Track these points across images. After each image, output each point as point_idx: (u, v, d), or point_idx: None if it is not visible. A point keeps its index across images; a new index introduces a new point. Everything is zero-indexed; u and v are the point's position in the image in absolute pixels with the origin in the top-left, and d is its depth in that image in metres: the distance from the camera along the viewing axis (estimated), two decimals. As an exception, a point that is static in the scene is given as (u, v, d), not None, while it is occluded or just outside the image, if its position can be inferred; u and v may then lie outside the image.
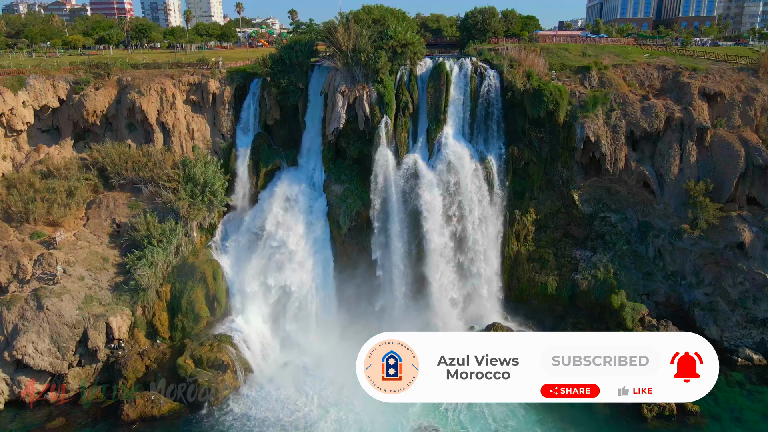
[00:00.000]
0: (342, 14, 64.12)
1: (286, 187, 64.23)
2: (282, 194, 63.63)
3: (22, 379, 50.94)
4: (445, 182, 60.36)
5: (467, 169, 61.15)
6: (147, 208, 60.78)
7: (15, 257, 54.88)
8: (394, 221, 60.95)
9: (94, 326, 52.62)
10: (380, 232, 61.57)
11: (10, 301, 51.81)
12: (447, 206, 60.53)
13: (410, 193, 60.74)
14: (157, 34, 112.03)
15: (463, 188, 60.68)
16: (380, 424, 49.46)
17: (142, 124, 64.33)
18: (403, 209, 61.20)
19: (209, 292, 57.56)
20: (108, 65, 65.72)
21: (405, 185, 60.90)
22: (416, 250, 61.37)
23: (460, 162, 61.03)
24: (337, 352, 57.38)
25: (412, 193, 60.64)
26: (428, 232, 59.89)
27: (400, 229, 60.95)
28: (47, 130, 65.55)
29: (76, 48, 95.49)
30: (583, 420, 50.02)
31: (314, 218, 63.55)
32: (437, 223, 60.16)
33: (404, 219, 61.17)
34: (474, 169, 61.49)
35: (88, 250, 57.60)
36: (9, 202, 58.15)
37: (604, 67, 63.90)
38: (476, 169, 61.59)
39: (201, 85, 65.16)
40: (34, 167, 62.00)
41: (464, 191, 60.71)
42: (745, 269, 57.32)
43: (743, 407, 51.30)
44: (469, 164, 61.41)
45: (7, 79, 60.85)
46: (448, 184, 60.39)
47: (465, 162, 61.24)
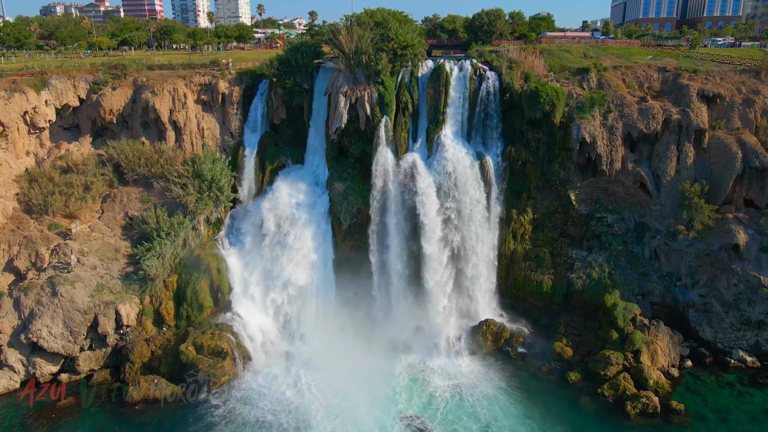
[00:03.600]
0: (345, 17, 66.10)
1: (291, 184, 66.63)
2: (286, 191, 66.01)
3: (36, 360, 54.47)
4: (442, 181, 61.78)
5: (465, 168, 62.44)
6: (157, 202, 63.90)
7: (34, 247, 58.50)
8: (392, 218, 62.69)
9: (104, 313, 55.92)
10: (379, 228, 63.39)
11: (27, 287, 55.43)
12: (444, 204, 61.88)
13: (408, 191, 62.36)
14: (179, 35, 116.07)
15: (461, 187, 62.00)
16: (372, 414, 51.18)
17: (155, 123, 67.50)
18: (401, 206, 62.88)
19: (213, 283, 60.29)
20: (125, 66, 69.09)
21: (404, 183, 62.55)
22: (413, 246, 62.93)
23: (458, 161, 62.38)
24: (334, 343, 59.73)
25: (410, 190, 62.25)
26: (425, 230, 61.39)
27: (397, 225, 62.67)
28: (68, 127, 69.29)
29: (101, 49, 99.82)
30: (568, 415, 51.30)
31: (316, 214, 65.71)
32: (434, 220, 61.61)
33: (402, 216, 62.85)
34: (471, 168, 62.71)
35: (101, 241, 60.97)
36: (30, 195, 61.90)
37: (604, 68, 64.39)
38: (474, 168, 62.79)
39: (211, 86, 68.02)
40: (55, 163, 65.67)
41: (461, 190, 62.02)
42: (739, 271, 57.31)
43: (731, 408, 51.55)
44: (467, 163, 62.68)
45: (31, 80, 64.68)
46: (445, 182, 61.77)
47: (463, 161, 62.56)
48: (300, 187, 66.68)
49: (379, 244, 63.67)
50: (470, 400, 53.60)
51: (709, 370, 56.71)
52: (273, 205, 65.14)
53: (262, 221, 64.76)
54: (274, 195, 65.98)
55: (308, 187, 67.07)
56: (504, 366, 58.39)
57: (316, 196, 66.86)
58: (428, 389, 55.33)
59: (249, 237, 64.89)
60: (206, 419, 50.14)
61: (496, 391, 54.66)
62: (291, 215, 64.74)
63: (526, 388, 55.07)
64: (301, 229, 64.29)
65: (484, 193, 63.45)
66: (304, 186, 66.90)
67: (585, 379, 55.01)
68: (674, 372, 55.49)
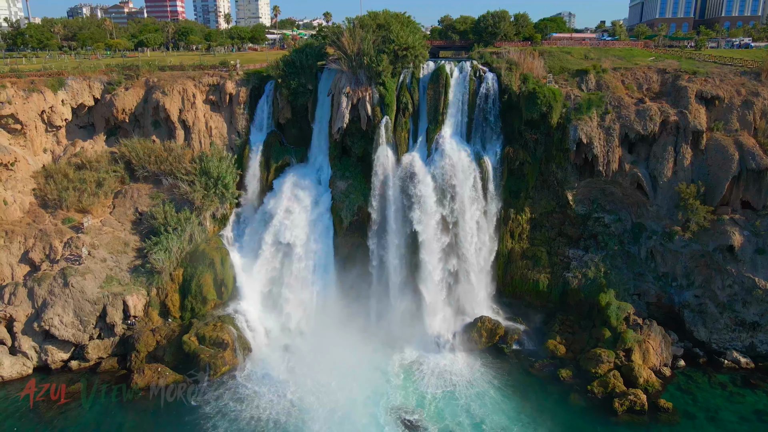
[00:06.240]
0: (348, 19, 67.76)
1: (295, 182, 68.56)
2: (290, 189, 67.96)
3: (48, 347, 57.26)
4: (441, 180, 63.02)
5: (463, 167, 63.61)
6: (166, 198, 66.40)
7: (48, 239, 61.39)
8: (392, 216, 64.17)
9: (112, 303, 58.49)
10: (378, 225, 64.99)
11: (41, 278, 58.28)
12: (441, 202, 63.11)
13: (408, 190, 63.71)
14: (195, 36, 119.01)
15: (459, 186, 63.16)
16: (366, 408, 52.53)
17: (166, 122, 70.04)
18: (400, 205, 64.28)
19: (217, 276, 62.48)
20: (138, 67, 71.80)
21: (403, 182, 63.94)
22: (412, 244, 64.28)
23: (457, 161, 63.59)
24: (332, 337, 61.33)
25: (409, 189, 63.60)
26: (423, 228, 62.69)
27: (396, 223, 64.12)
28: (83, 126, 72.33)
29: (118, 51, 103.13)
30: (558, 411, 52.12)
31: (319, 212, 67.48)
32: (432, 219, 62.89)
33: (401, 214, 64.25)
34: (470, 168, 63.86)
35: (111, 235, 63.66)
36: (46, 191, 64.97)
37: (603, 70, 64.97)
38: (472, 168, 63.92)
39: (219, 86, 70.30)
40: (70, 160, 68.63)
41: (460, 189, 63.19)
42: (734, 272, 57.48)
43: (721, 408, 51.88)
44: (466, 163, 63.86)
45: (49, 80, 67.72)
46: (443, 181, 62.98)
47: (461, 161, 63.76)
48: (303, 184, 68.51)
49: (379, 242, 65.22)
50: (463, 395, 54.69)
51: (702, 370, 57.04)
52: (277, 202, 67.13)
53: (266, 217, 66.81)
54: (278, 192, 67.98)
55: (311, 185, 68.87)
56: (497, 362, 59.42)
57: (318, 194, 68.64)
58: (422, 384, 56.50)
59: (253, 233, 67.00)
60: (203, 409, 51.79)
61: (489, 387, 55.73)
62: (294, 212, 66.59)
63: (518, 384, 56.03)
64: (303, 225, 66.15)
65: (482, 192, 64.56)
66: (307, 184, 68.70)
67: (576, 377, 55.78)
68: (666, 371, 55.94)
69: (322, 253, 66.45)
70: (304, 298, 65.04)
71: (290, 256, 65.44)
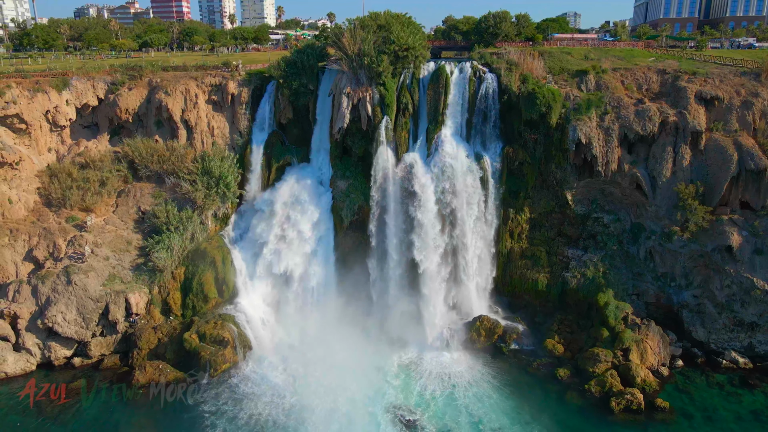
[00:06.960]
0: (349, 20, 68.22)
1: (296, 182, 69.02)
2: (291, 188, 68.47)
3: (52, 344, 58.00)
4: (440, 179, 63.39)
5: (463, 167, 63.95)
6: (168, 197, 67.03)
7: (52, 238, 62.16)
8: (391, 215, 64.59)
9: (115, 301, 59.18)
10: (378, 225, 65.38)
11: (44, 275, 59.04)
12: (441, 202, 63.46)
13: (407, 189, 64.15)
14: (199, 37, 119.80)
15: (459, 186, 63.51)
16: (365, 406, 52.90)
17: (168, 122, 70.69)
18: (400, 204, 64.73)
19: (218, 275, 63.08)
20: (141, 68, 72.49)
21: (403, 182, 64.36)
22: (411, 243, 64.60)
23: (456, 160, 63.94)
24: (332, 336, 61.82)
25: (409, 189, 64.03)
26: (422, 227, 63.09)
27: (396, 223, 64.57)
28: (87, 125, 73.11)
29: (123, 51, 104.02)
30: (556, 410, 52.39)
31: (320, 211, 67.78)
32: (431, 218, 63.25)
33: (401, 213, 64.67)
34: (469, 167, 64.18)
35: (114, 233, 64.37)
36: (50, 190, 65.73)
37: (603, 70, 65.15)
38: (472, 167, 64.24)
39: (221, 87, 70.87)
40: (74, 159, 69.38)
41: (459, 189, 63.53)
42: (732, 272, 57.54)
43: (718, 407, 52.02)
44: (465, 163, 64.21)
45: (53, 80, 68.49)
46: (443, 181, 63.34)
47: (461, 160, 64.11)
48: (304, 184, 68.95)
49: (379, 241, 65.64)
50: (462, 394, 54.95)
51: (700, 370, 57.19)
52: (278, 201, 67.62)
53: (267, 217, 67.33)
54: (279, 192, 68.44)
55: (312, 184, 69.31)
56: (496, 361, 59.75)
57: (319, 193, 69.11)
58: (421, 383, 56.84)
59: (254, 232, 67.47)
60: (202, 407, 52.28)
61: (487, 386, 56.03)
62: (295, 211, 67.11)
63: (516, 383, 56.30)
64: (304, 225, 66.59)
65: (482, 192, 64.86)
66: (308, 183, 69.13)
67: (574, 376, 56.05)
68: (664, 371, 56.11)
69: (323, 251, 66.97)
70: (304, 297, 65.56)
71: (291, 255, 65.76)
